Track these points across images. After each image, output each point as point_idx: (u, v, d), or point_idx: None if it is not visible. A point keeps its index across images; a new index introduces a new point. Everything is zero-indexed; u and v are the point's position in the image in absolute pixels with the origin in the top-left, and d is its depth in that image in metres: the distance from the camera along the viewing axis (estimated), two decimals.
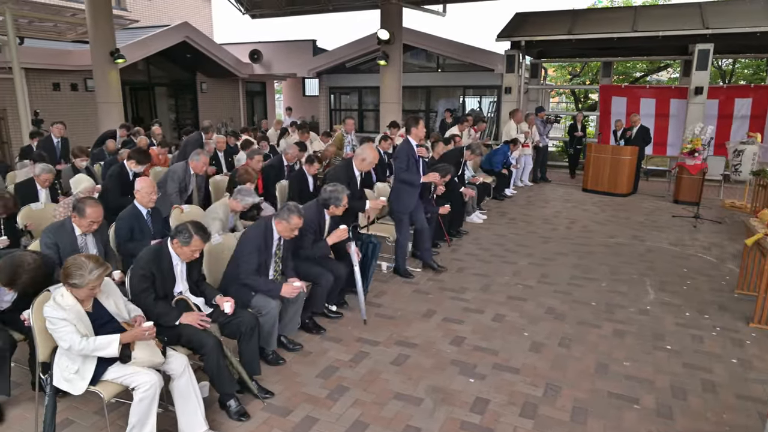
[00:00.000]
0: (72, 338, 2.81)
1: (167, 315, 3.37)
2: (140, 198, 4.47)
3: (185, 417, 3.13)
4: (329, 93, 19.47)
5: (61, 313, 2.83)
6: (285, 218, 3.97)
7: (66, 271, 2.86)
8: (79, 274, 2.83)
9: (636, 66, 19.71)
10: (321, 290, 4.49)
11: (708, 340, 4.54)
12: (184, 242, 3.42)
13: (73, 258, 2.91)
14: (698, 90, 11.23)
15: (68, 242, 3.82)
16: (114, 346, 2.85)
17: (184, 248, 3.44)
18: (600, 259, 6.58)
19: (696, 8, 12.23)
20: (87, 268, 2.84)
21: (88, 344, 2.83)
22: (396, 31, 12.91)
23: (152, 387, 2.92)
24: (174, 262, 3.52)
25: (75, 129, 12.22)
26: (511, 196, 10.38)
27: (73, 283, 2.86)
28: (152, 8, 19.99)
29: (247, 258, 3.90)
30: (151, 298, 3.36)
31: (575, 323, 4.82)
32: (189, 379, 3.15)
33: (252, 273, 3.88)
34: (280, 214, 4.02)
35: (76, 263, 2.86)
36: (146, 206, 4.51)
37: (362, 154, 5.01)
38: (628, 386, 3.80)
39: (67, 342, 2.82)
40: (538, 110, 12.05)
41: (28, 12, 10.51)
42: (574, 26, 12.58)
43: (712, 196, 10.53)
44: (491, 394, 3.68)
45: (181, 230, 3.44)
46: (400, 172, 5.61)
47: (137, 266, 3.42)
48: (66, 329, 2.82)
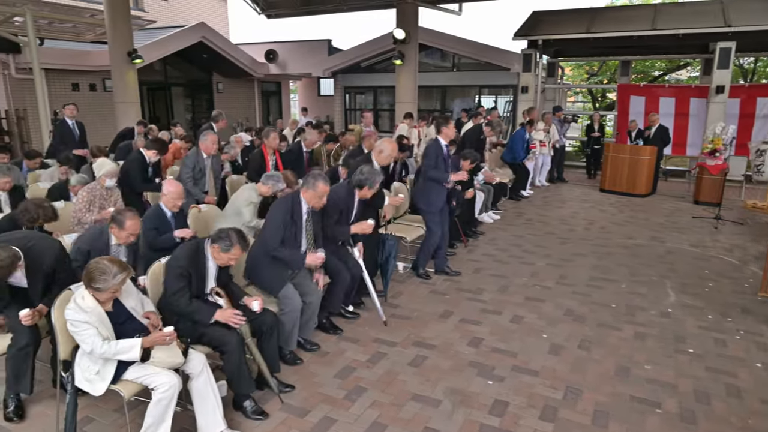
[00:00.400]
0: (94, 341, 2.82)
1: (202, 313, 3.35)
2: (166, 201, 4.48)
3: (203, 416, 3.13)
4: (344, 93, 19.49)
5: (82, 316, 2.84)
6: (311, 186, 3.96)
7: (89, 275, 2.85)
8: (103, 279, 2.83)
9: (655, 65, 19.45)
10: (338, 289, 4.47)
11: (731, 343, 4.45)
12: (224, 249, 3.40)
13: (95, 262, 2.90)
14: (719, 89, 11.05)
15: (101, 250, 3.75)
16: (136, 350, 2.86)
17: (222, 254, 3.42)
18: (619, 261, 6.50)
19: (717, 5, 12.02)
20: (111, 273, 2.84)
21: (110, 348, 2.84)
22: (412, 31, 12.87)
23: (171, 388, 2.93)
24: (209, 264, 3.51)
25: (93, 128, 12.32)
26: (528, 196, 10.29)
27: (96, 287, 2.85)
28: (169, 9, 20.14)
29: (273, 232, 3.92)
30: (186, 297, 3.34)
31: (595, 325, 4.75)
32: (207, 378, 3.15)
33: (277, 245, 3.90)
34: (306, 182, 4.01)
35: (100, 267, 2.85)
36: (171, 209, 4.50)
37: (380, 146, 4.92)
38: (650, 390, 3.74)
39: (89, 345, 2.83)
40: (556, 110, 11.94)
41: (48, 13, 10.65)
42: (593, 24, 12.45)
43: (733, 197, 10.35)
44: (510, 397, 3.64)
45: (223, 237, 3.41)
46: (429, 170, 5.57)
47: (174, 264, 3.39)
48: (88, 332, 2.83)
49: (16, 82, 12.35)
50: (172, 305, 3.35)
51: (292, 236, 4.00)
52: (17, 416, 3.35)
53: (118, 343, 2.86)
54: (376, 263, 5.22)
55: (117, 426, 3.29)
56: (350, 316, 4.82)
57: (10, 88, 12.40)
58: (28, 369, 3.35)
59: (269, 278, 3.99)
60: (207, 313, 3.37)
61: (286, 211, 3.98)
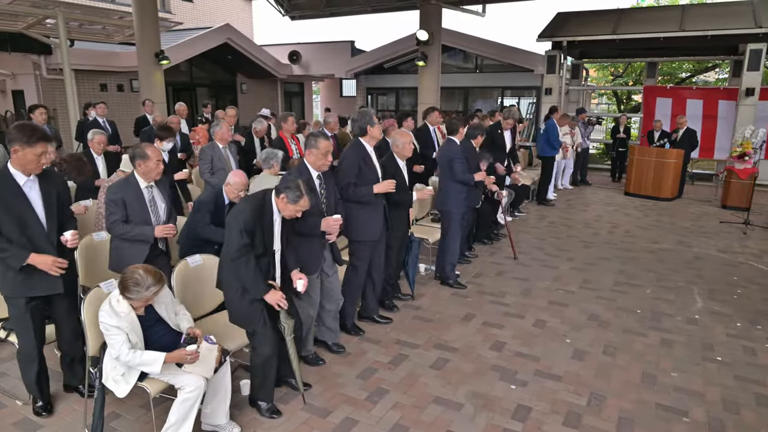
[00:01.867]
0: (121, 348, 2.85)
1: (257, 286, 3.21)
2: (229, 190, 4.39)
3: (210, 407, 3.17)
4: (366, 94, 19.52)
5: (114, 320, 2.87)
6: (312, 145, 3.76)
7: (124, 284, 2.87)
8: (136, 290, 2.85)
9: (682, 66, 19.11)
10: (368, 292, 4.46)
11: (761, 352, 4.35)
12: (293, 200, 3.18)
13: (131, 271, 2.88)
14: (749, 91, 10.81)
15: (135, 197, 3.68)
16: (158, 365, 2.86)
17: (289, 205, 3.20)
18: (644, 265, 6.40)
19: (748, 6, 11.77)
20: (144, 285, 2.84)
21: (134, 357, 2.86)
22: (435, 32, 12.84)
23: (197, 389, 2.96)
24: (274, 216, 3.30)
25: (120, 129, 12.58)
26: (553, 199, 10.17)
27: (129, 297, 2.88)
28: (195, 10, 20.42)
29: None
30: (250, 259, 3.16)
31: (620, 331, 4.69)
32: (224, 374, 3.17)
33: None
34: (307, 144, 3.81)
35: (134, 279, 2.85)
36: (233, 200, 4.40)
37: (394, 142, 4.72)
38: (677, 398, 3.67)
39: (116, 350, 2.87)
40: (579, 112, 11.81)
41: (79, 15, 10.88)
42: (618, 26, 12.28)
43: (762, 202, 10.13)
44: (533, 402, 3.61)
45: (291, 187, 3.18)
46: (457, 173, 5.42)
47: (238, 219, 3.14)
48: (117, 337, 2.86)
49: (47, 82, 12.64)
50: (233, 273, 3.22)
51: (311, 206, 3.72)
52: (46, 411, 3.42)
53: (143, 354, 2.88)
54: (401, 264, 5.18)
55: (143, 422, 3.34)
56: (383, 321, 4.78)
57: (41, 88, 12.70)
58: (33, 374, 3.36)
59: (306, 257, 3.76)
60: (262, 288, 3.23)
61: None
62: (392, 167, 4.62)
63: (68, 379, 3.64)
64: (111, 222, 3.63)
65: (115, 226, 3.62)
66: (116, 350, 2.86)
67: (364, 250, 4.43)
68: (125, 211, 3.64)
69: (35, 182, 3.13)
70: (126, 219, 3.64)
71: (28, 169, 3.06)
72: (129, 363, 2.88)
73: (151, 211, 3.73)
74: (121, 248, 3.70)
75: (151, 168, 3.68)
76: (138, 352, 2.88)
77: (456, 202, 5.54)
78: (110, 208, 3.64)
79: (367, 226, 4.36)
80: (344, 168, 4.24)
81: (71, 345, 3.50)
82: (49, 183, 3.21)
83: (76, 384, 3.63)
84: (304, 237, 3.73)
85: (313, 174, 3.83)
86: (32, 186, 3.12)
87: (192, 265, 3.74)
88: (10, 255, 3.04)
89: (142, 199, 3.71)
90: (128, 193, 3.66)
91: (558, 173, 11.01)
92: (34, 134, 3.02)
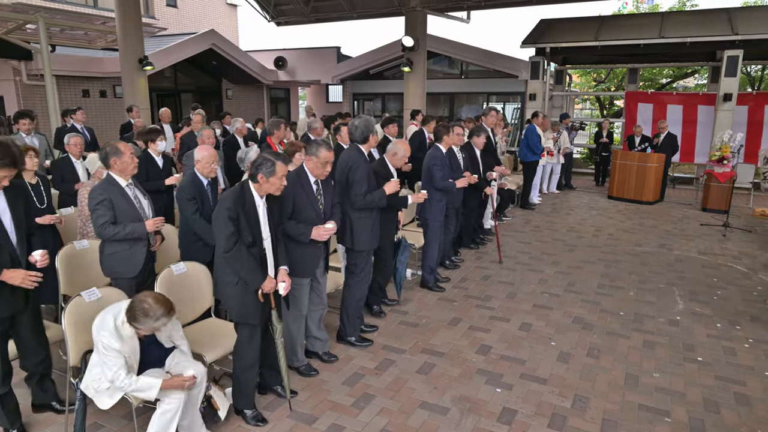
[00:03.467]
0: (118, 373, 2.78)
1: (254, 275, 3.20)
2: (201, 167, 4.28)
3: (187, 420, 3.12)
4: (353, 99, 19.56)
5: (117, 344, 2.79)
6: (314, 153, 3.71)
7: (132, 312, 2.78)
8: (144, 321, 2.77)
9: (662, 72, 19.43)
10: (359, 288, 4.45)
11: (741, 352, 4.43)
12: (270, 173, 3.16)
13: (140, 300, 2.79)
14: (727, 97, 11.02)
15: (120, 196, 3.62)
16: (154, 391, 2.82)
17: (272, 179, 3.18)
18: (627, 268, 6.48)
19: (724, 14, 12.03)
20: (153, 316, 2.76)
21: (130, 384, 2.80)
22: (420, 38, 12.93)
23: (177, 400, 2.92)
24: (257, 202, 3.26)
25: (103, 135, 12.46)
26: (538, 203, 10.26)
27: (135, 326, 2.81)
28: (180, 16, 20.32)
29: (282, 202, 3.63)
30: (244, 254, 3.14)
31: (603, 333, 4.74)
32: (199, 383, 3.12)
33: (284, 218, 3.67)
34: (309, 150, 3.76)
35: (143, 309, 2.76)
36: (207, 176, 4.32)
37: (393, 149, 4.73)
38: (659, 398, 3.72)
39: (111, 373, 2.79)
40: (563, 117, 11.95)
41: (61, 21, 10.77)
42: (600, 33, 12.47)
43: (741, 205, 10.32)
44: (519, 405, 3.64)
45: (261, 164, 3.15)
46: (438, 180, 5.45)
47: (222, 207, 3.13)
48: (116, 361, 2.79)
49: (27, 88, 12.47)
50: (227, 264, 3.18)
51: (303, 209, 3.77)
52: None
53: (138, 380, 2.82)
54: (391, 269, 5.15)
55: None
56: (368, 329, 4.76)
57: (21, 95, 12.53)
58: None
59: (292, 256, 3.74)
60: (259, 276, 3.23)
61: (294, 184, 3.70)
62: (384, 172, 4.62)
63: (38, 398, 3.47)
64: (101, 225, 3.52)
65: (105, 229, 3.52)
66: (112, 373, 2.79)
67: (365, 259, 4.42)
68: (113, 212, 3.57)
69: (1, 195, 2.96)
70: (114, 220, 3.57)
71: None
72: (124, 389, 2.82)
73: (137, 207, 3.70)
74: (118, 253, 3.63)
75: (127, 163, 3.64)
76: (134, 377, 2.82)
77: (435, 210, 5.57)
78: (98, 211, 3.54)
79: (368, 235, 4.35)
80: (358, 180, 4.18)
81: (39, 361, 3.32)
82: (15, 194, 3.04)
83: (48, 401, 3.47)
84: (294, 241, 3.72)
85: (311, 179, 3.81)
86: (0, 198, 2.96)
87: (176, 273, 3.72)
88: None
89: (128, 196, 3.67)
90: (113, 193, 3.60)
91: (544, 177, 11.11)
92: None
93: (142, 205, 3.75)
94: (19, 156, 2.87)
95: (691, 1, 19.80)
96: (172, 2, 20.38)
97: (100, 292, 3.26)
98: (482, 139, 6.37)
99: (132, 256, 3.66)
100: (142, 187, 3.96)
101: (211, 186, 4.37)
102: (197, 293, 3.83)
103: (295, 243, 3.72)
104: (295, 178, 3.75)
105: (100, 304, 3.12)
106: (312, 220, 3.76)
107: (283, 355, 3.47)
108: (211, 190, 4.36)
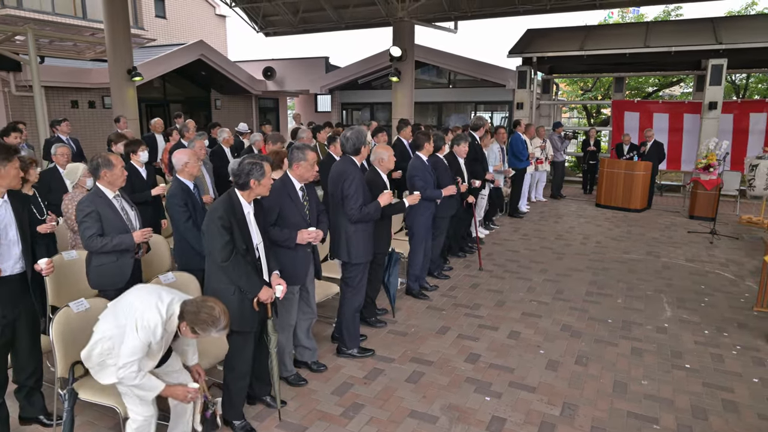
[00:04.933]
0: (132, 363, 2.65)
1: (252, 281, 3.21)
2: (190, 169, 4.27)
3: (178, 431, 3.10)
4: (341, 109, 19.64)
5: (158, 334, 2.68)
6: (302, 158, 3.71)
7: (196, 316, 2.67)
8: (207, 329, 2.67)
9: (648, 81, 19.67)
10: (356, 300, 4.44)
11: (728, 359, 4.47)
12: (261, 175, 3.19)
13: (209, 307, 2.69)
14: (712, 105, 11.17)
15: (108, 208, 3.61)
16: (155, 393, 2.77)
17: (263, 181, 3.21)
18: (615, 276, 6.53)
19: (708, 24, 12.21)
20: (217, 327, 2.67)
21: (136, 377, 2.69)
22: (408, 48, 13.02)
23: (146, 420, 2.85)
24: (245, 209, 3.28)
25: (92, 145, 12.40)
26: (526, 212, 10.32)
27: (194, 330, 2.69)
28: (169, 27, 20.34)
29: (266, 210, 3.63)
30: (241, 263, 3.16)
31: (592, 341, 4.77)
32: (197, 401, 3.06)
33: (268, 225, 3.64)
34: (294, 157, 3.74)
35: (212, 318, 2.66)
36: (194, 176, 4.32)
37: (378, 156, 4.67)
38: (647, 406, 3.75)
39: (124, 359, 2.65)
40: (556, 126, 12.05)
41: (49, 32, 10.76)
42: (586, 42, 12.61)
43: (727, 212, 10.43)
44: (508, 413, 3.64)
45: (250, 169, 3.17)
46: (421, 190, 5.40)
47: (213, 216, 3.14)
48: (138, 348, 2.66)
49: (16, 99, 12.40)
50: (227, 272, 3.16)
51: (295, 217, 3.76)
52: None
53: (146, 376, 2.73)
54: (381, 280, 5.10)
55: None
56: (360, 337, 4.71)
57: (9, 106, 12.46)
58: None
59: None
60: (257, 283, 3.22)
61: (279, 191, 3.70)
62: (379, 182, 4.57)
63: (26, 411, 3.45)
64: (88, 237, 3.53)
65: (92, 241, 3.52)
66: (127, 359, 2.64)
67: (362, 271, 4.39)
68: (101, 224, 3.57)
69: (8, 206, 3.05)
70: (102, 232, 3.57)
71: (14, 185, 3.02)
72: (126, 380, 2.68)
73: (125, 219, 3.70)
74: (105, 265, 3.62)
75: (117, 176, 3.66)
76: (142, 372, 2.72)
77: (421, 219, 5.58)
78: (86, 223, 3.54)
79: (364, 247, 4.32)
80: (353, 193, 4.15)
81: (32, 372, 3.34)
82: (19, 206, 3.14)
83: (36, 415, 3.45)
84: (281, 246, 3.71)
85: (296, 186, 3.80)
86: (6, 207, 3.05)
87: (164, 282, 3.70)
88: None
89: (115, 209, 3.67)
90: (100, 205, 3.61)
91: (531, 186, 11.17)
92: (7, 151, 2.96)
93: (129, 216, 3.75)
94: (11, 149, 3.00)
95: (676, 11, 20.09)
96: (161, 13, 20.42)
97: (89, 302, 3.23)
98: (463, 148, 6.39)
99: (119, 268, 3.65)
100: (129, 198, 3.95)
101: (197, 189, 4.39)
102: None
103: (284, 250, 3.72)
104: (280, 187, 3.75)
105: (88, 315, 3.11)
106: (299, 226, 3.74)
107: (276, 365, 3.47)
108: (198, 193, 4.37)
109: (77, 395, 3.02)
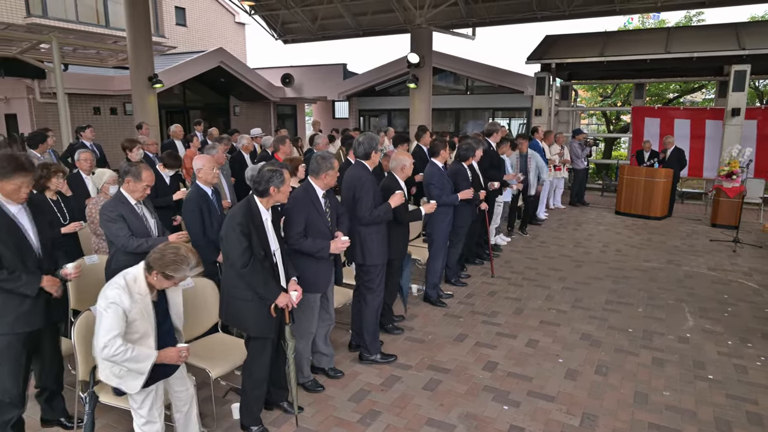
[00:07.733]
0: (113, 339, 2.57)
1: (270, 290, 3.24)
2: (204, 176, 4.32)
3: None
4: (359, 115, 19.71)
5: (127, 302, 2.64)
6: (329, 167, 3.75)
7: (164, 260, 2.64)
8: (182, 268, 2.65)
9: (669, 87, 19.43)
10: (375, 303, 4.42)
11: (752, 370, 4.37)
12: (280, 183, 3.24)
13: (174, 247, 2.69)
14: (735, 111, 11.00)
15: (131, 212, 3.70)
16: (150, 362, 2.71)
17: (282, 188, 3.26)
18: (636, 284, 6.43)
19: (731, 29, 12.05)
20: (190, 264, 2.66)
21: (125, 352, 2.59)
22: (426, 55, 13.04)
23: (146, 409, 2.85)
24: (263, 216, 3.31)
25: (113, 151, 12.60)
26: (545, 219, 10.23)
27: (166, 275, 2.65)
28: (189, 35, 20.63)
29: (293, 221, 3.67)
30: (259, 269, 3.18)
31: (612, 350, 4.70)
32: (191, 409, 3.12)
33: (299, 236, 3.67)
34: (320, 167, 3.75)
35: (180, 256, 2.64)
36: (211, 182, 4.36)
37: (398, 163, 4.67)
38: (669, 417, 3.68)
39: (104, 339, 2.57)
40: (576, 133, 11.91)
41: (73, 40, 10.98)
42: (606, 48, 12.51)
43: (751, 220, 10.24)
44: (526, 422, 3.60)
45: (270, 176, 3.22)
46: (437, 197, 5.39)
47: (233, 222, 3.16)
48: (114, 323, 2.59)
49: (40, 106, 12.68)
50: (244, 278, 3.18)
51: (314, 225, 3.76)
52: None
53: (134, 349, 2.64)
54: (397, 287, 5.08)
55: None
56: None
57: (34, 112, 12.73)
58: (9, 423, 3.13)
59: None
60: (275, 289, 3.25)
61: (304, 200, 3.74)
62: (396, 187, 4.56)
63: (47, 414, 3.50)
64: (125, 236, 3.62)
65: (129, 240, 3.62)
66: (106, 338, 2.56)
67: (379, 274, 4.39)
68: (128, 226, 3.66)
69: (26, 213, 3.07)
70: (132, 233, 3.66)
71: (13, 199, 2.98)
72: (115, 356, 2.58)
73: (146, 225, 3.77)
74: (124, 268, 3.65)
75: (138, 189, 3.74)
76: (129, 346, 2.62)
77: (439, 226, 5.55)
78: (117, 224, 3.63)
79: (378, 248, 4.33)
80: (364, 196, 4.18)
81: (54, 379, 3.40)
82: (38, 211, 3.16)
83: (57, 418, 3.49)
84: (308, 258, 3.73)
85: (319, 194, 3.82)
86: (24, 215, 3.06)
87: (183, 288, 3.73)
88: (24, 283, 2.96)
89: (137, 214, 3.76)
90: (125, 209, 3.70)
91: (550, 193, 11.08)
92: (9, 165, 2.90)
93: (149, 223, 3.82)
94: (27, 162, 2.97)
95: (698, 17, 19.85)
96: (181, 21, 20.72)
97: None
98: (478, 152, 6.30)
99: None
100: (152, 202, 4.02)
101: (216, 195, 4.43)
102: (204, 308, 3.86)
103: (308, 260, 3.73)
104: (304, 196, 3.78)
105: None
106: (324, 234, 3.78)
107: (294, 370, 3.48)
108: (216, 199, 4.41)
109: (98, 398, 3.06)
